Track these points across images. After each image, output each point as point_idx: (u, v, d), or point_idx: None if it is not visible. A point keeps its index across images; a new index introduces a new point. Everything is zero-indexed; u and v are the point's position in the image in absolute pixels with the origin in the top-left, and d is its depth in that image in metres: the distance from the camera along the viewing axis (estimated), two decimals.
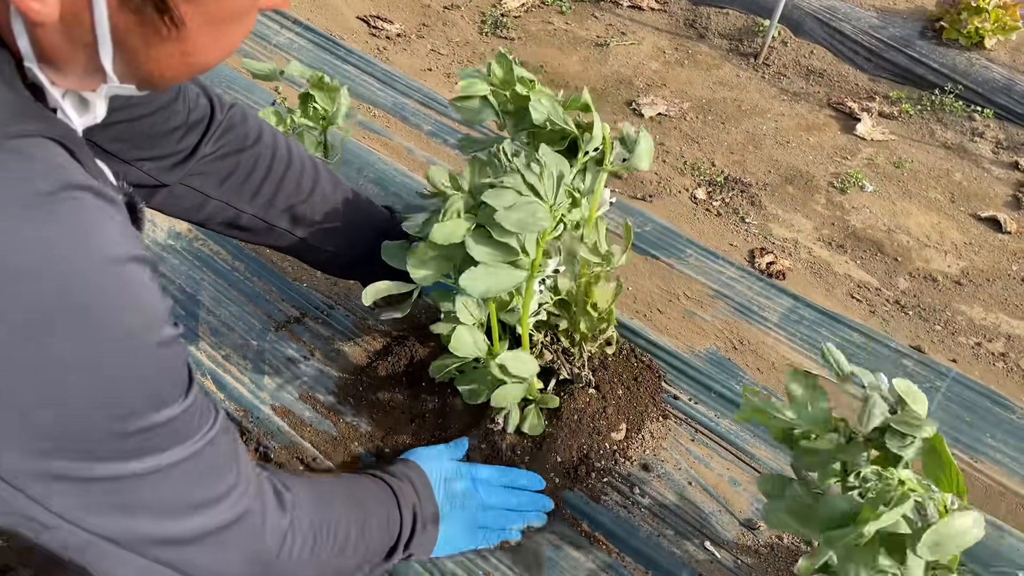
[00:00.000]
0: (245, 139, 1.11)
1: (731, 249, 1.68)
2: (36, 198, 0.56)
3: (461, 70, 1.13)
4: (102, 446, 0.60)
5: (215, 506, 0.72)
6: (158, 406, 0.63)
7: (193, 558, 0.71)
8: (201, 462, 0.69)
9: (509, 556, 1.11)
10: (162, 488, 0.66)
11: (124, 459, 0.62)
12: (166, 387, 0.65)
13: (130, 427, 0.61)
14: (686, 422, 1.30)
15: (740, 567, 1.12)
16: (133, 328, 0.60)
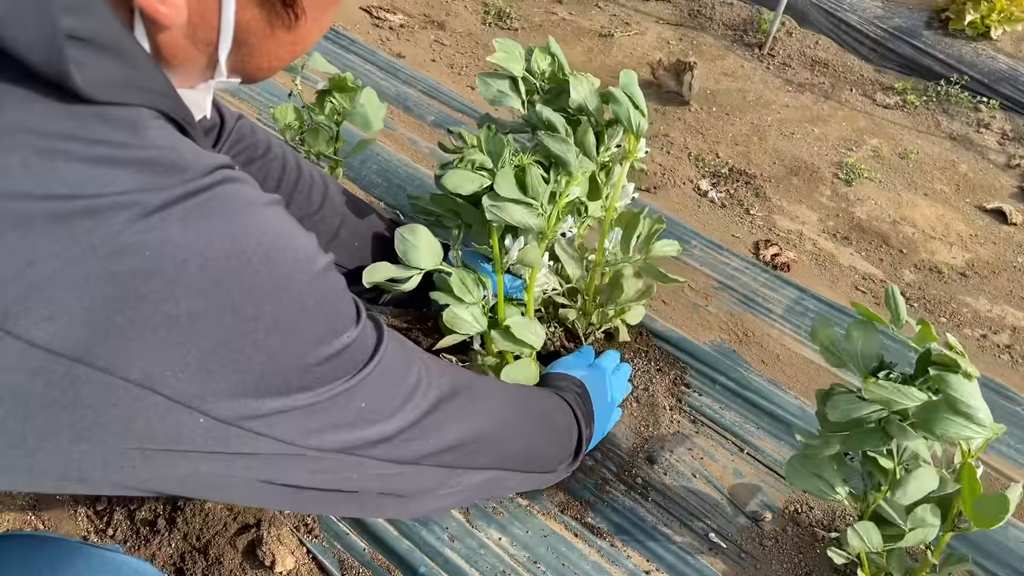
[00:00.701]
0: (255, 150, 1.11)
1: (735, 241, 1.68)
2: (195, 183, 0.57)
3: (498, 40, 1.12)
4: (304, 377, 0.62)
5: (412, 395, 0.75)
6: (342, 329, 0.65)
7: (408, 448, 0.75)
8: (387, 366, 0.71)
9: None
10: (368, 397, 0.68)
11: (326, 383, 0.64)
12: (342, 309, 0.67)
13: (324, 353, 0.63)
14: (691, 414, 1.29)
15: (744, 559, 1.12)
16: (299, 263, 0.62)
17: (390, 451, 0.73)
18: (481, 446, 0.86)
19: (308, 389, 0.62)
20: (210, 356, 0.56)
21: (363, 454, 0.70)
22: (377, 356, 0.70)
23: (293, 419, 0.63)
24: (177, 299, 0.54)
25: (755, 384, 1.33)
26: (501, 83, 1.12)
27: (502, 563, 1.09)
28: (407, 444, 0.74)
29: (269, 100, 1.86)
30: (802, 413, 1.29)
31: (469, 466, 0.85)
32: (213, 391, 0.57)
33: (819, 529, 1.15)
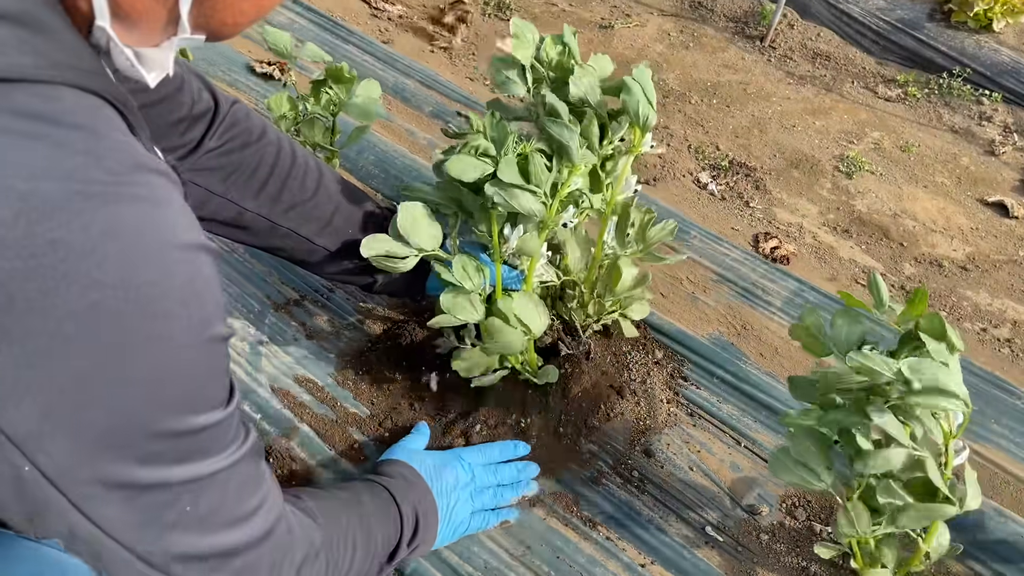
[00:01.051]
0: (249, 135, 1.09)
1: (735, 233, 1.67)
2: (109, 177, 0.53)
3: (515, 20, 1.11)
4: (149, 446, 0.57)
5: (248, 521, 0.69)
6: (204, 408, 0.61)
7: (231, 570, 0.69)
8: (237, 474, 0.66)
9: (506, 538, 1.10)
10: (201, 499, 0.63)
11: (168, 463, 0.59)
12: (214, 388, 0.63)
13: (177, 427, 0.59)
14: (688, 407, 1.28)
15: (741, 552, 1.11)
16: (192, 321, 0.57)
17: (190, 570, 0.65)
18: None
19: (149, 463, 0.58)
20: (58, 385, 0.52)
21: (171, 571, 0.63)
22: (229, 451, 0.65)
23: (118, 500, 0.57)
24: (47, 315, 0.50)
25: (753, 377, 1.32)
26: (510, 69, 1.11)
27: (496, 558, 1.08)
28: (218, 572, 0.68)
29: (266, 90, 1.85)
30: (800, 406, 1.28)
31: None
32: (48, 432, 0.52)
33: (816, 523, 1.14)
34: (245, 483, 0.68)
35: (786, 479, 0.92)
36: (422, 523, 0.99)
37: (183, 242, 0.57)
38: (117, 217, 0.53)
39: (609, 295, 1.26)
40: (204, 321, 0.59)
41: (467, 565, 1.07)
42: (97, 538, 0.59)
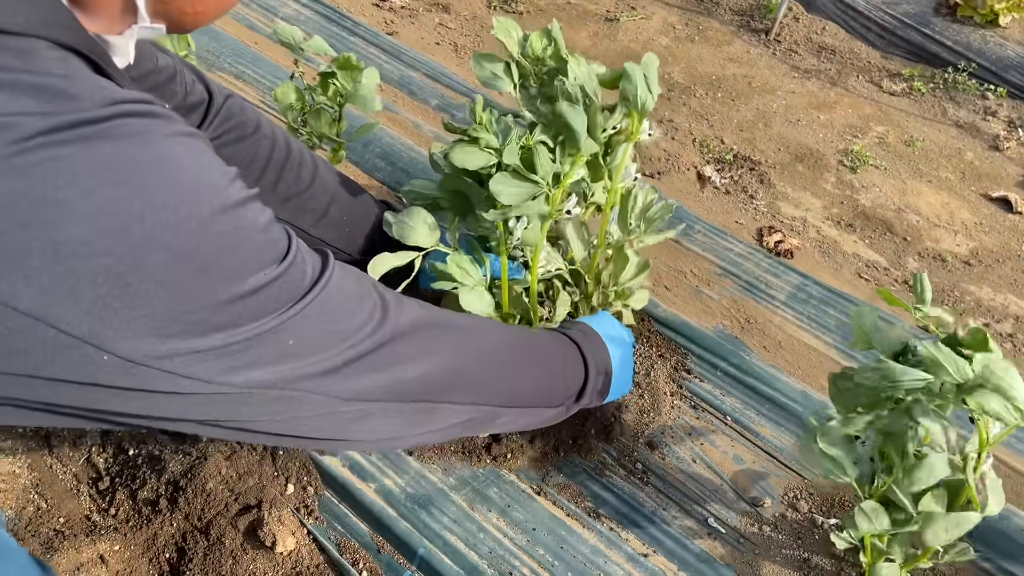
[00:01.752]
0: (244, 128, 1.10)
1: (738, 227, 1.67)
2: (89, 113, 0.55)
3: (497, 19, 1.12)
4: (214, 317, 0.60)
5: (357, 332, 0.72)
6: (254, 268, 0.63)
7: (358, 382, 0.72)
8: (324, 306, 0.68)
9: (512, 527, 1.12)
10: (298, 334, 0.66)
11: (243, 322, 0.62)
12: (255, 250, 0.64)
13: (235, 293, 0.61)
14: (691, 399, 1.29)
15: (743, 544, 1.12)
16: (199, 195, 0.60)
17: (325, 385, 0.70)
18: (454, 382, 0.83)
19: (223, 329, 0.60)
20: (104, 289, 0.54)
21: (294, 388, 0.68)
22: (311, 295, 0.67)
23: (210, 359, 0.61)
24: (59, 225, 0.52)
25: (756, 370, 1.33)
26: (495, 66, 1.11)
27: (501, 547, 1.10)
28: (349, 379, 0.71)
29: (273, 83, 1.86)
30: (804, 399, 1.29)
31: (440, 400, 0.83)
32: (112, 327, 0.55)
33: (818, 515, 1.15)
34: (341, 305, 0.71)
35: (813, 466, 0.93)
36: (598, 376, 1.05)
37: (167, 132, 0.60)
38: (103, 131, 0.55)
39: (614, 283, 1.27)
40: (214, 190, 0.61)
41: (473, 553, 1.09)
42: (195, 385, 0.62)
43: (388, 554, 1.09)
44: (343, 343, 0.71)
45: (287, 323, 0.65)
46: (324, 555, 1.10)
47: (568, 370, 1.02)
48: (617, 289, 1.27)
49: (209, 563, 1.09)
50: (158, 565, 1.11)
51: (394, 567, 1.08)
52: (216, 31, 2.01)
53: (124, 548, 1.12)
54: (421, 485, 1.15)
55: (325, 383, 0.69)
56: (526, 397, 0.96)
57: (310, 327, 0.67)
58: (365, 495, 1.13)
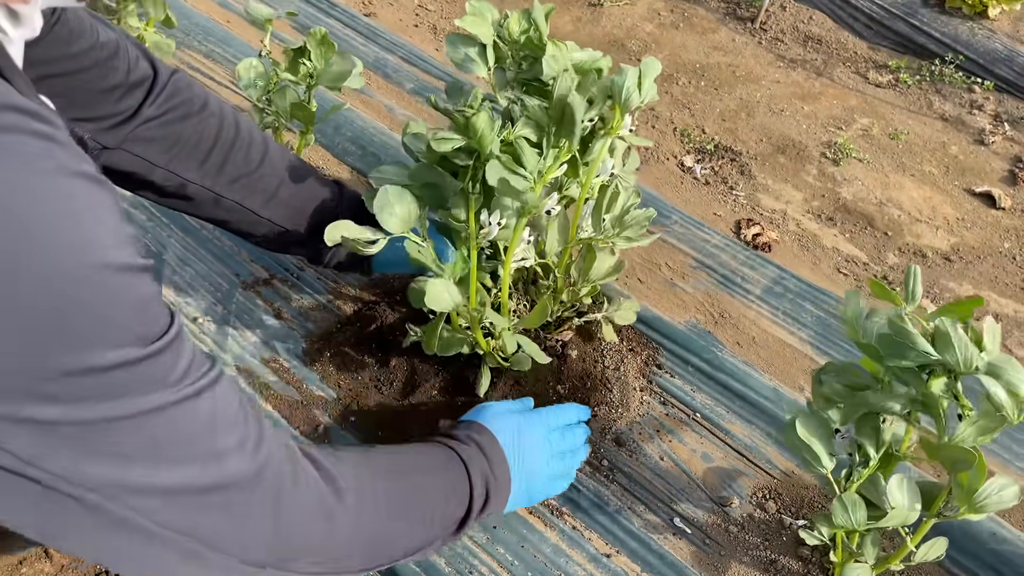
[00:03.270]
0: (191, 105, 1.06)
1: (717, 219, 1.64)
2: None
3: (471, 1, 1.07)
4: (48, 385, 0.53)
5: (222, 458, 0.64)
6: (119, 343, 0.56)
7: (197, 517, 0.64)
8: (196, 412, 0.62)
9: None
10: (150, 434, 0.59)
11: (92, 400, 0.55)
12: (130, 321, 0.57)
13: (80, 365, 0.54)
14: (661, 395, 1.26)
15: (709, 544, 1.09)
16: (73, 249, 0.53)
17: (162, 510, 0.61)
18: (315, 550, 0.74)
19: (61, 401, 0.54)
20: None
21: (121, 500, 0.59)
22: (179, 392, 0.60)
23: (34, 432, 0.54)
24: None
25: (728, 366, 1.30)
26: (469, 48, 1.07)
27: (460, 544, 1.07)
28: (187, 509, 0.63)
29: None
30: (776, 396, 1.26)
31: (287, 569, 0.73)
32: None
33: (787, 516, 1.13)
34: (212, 420, 0.64)
35: (793, 449, 0.91)
36: (493, 492, 0.95)
37: (61, 168, 0.54)
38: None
39: (583, 281, 1.23)
40: (89, 248, 0.54)
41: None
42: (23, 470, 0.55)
43: None
44: (198, 465, 0.63)
45: (140, 418, 0.58)
46: None
47: (449, 508, 0.92)
48: (586, 285, 1.23)
49: None
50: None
51: None
52: (186, 8, 1.96)
53: None
54: None
55: (162, 505, 0.61)
56: (390, 557, 0.86)
57: (165, 430, 0.60)
58: None
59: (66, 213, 0.53)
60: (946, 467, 0.87)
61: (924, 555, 0.97)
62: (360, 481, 0.81)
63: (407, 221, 1.02)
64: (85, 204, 0.55)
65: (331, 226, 1.00)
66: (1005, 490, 0.87)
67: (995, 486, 0.87)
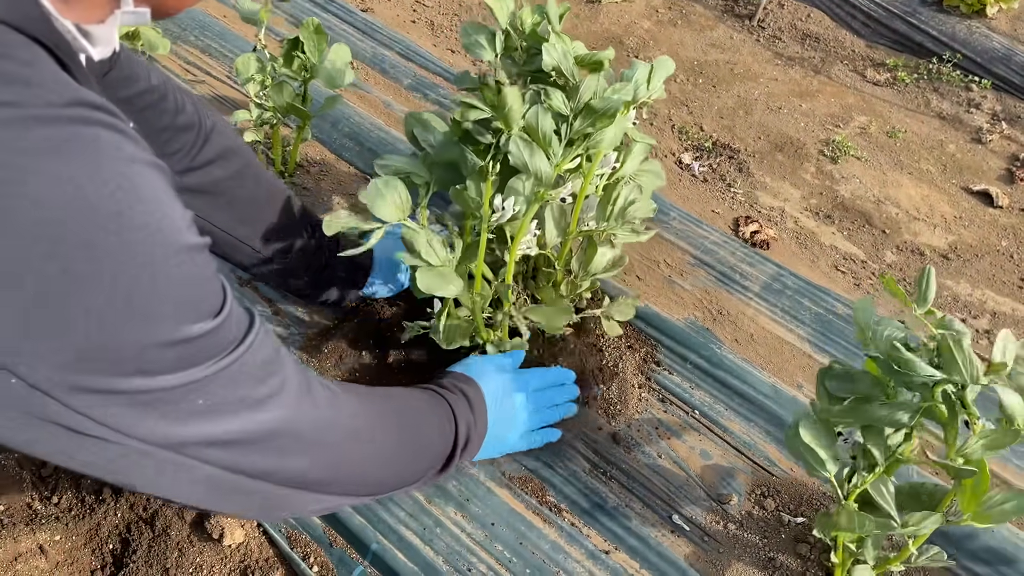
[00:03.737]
0: (228, 156, 1.11)
1: (715, 216, 1.64)
2: (47, 109, 0.52)
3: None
4: (141, 359, 0.58)
5: (263, 405, 0.70)
6: (192, 319, 0.61)
7: (245, 458, 0.71)
8: (241, 369, 0.67)
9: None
10: (209, 393, 0.64)
11: (166, 371, 0.60)
12: (200, 298, 0.62)
13: (168, 338, 0.59)
14: (660, 392, 1.26)
15: (707, 542, 1.09)
16: (159, 233, 0.57)
17: (224, 457, 0.69)
18: (326, 479, 0.82)
19: (143, 374, 0.58)
20: (28, 309, 0.51)
21: (193, 455, 0.66)
22: (236, 352, 0.65)
23: (120, 403, 0.58)
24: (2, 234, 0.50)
25: (727, 363, 1.30)
26: (480, 35, 1.08)
27: (458, 542, 1.06)
28: (246, 455, 0.71)
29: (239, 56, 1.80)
30: (775, 394, 1.26)
31: (308, 490, 0.81)
32: (28, 350, 0.52)
33: (785, 514, 1.12)
34: (253, 372, 0.69)
35: (795, 455, 0.90)
36: (472, 442, 1.03)
37: (132, 156, 0.57)
38: (61, 137, 0.52)
39: (583, 274, 1.23)
40: (173, 230, 0.59)
41: (429, 549, 1.05)
42: (103, 434, 0.60)
43: (340, 548, 1.05)
44: (250, 411, 0.69)
45: (211, 378, 0.63)
46: (274, 548, 1.06)
47: (436, 448, 1.00)
48: (587, 279, 1.23)
49: (154, 555, 1.05)
50: (101, 556, 1.07)
51: (346, 562, 1.04)
52: None
53: (65, 538, 1.08)
54: None
55: (211, 451, 0.68)
56: (390, 486, 0.96)
57: (226, 386, 0.65)
58: None
59: (147, 199, 0.57)
60: (950, 473, 0.86)
61: (926, 558, 0.97)
62: (370, 412, 0.90)
63: (400, 208, 1.01)
64: (159, 190, 0.59)
65: (327, 219, 1.00)
66: (1010, 502, 0.86)
67: (1000, 496, 0.86)
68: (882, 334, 0.86)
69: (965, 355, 0.79)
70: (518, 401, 1.10)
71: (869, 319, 0.88)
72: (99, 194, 0.53)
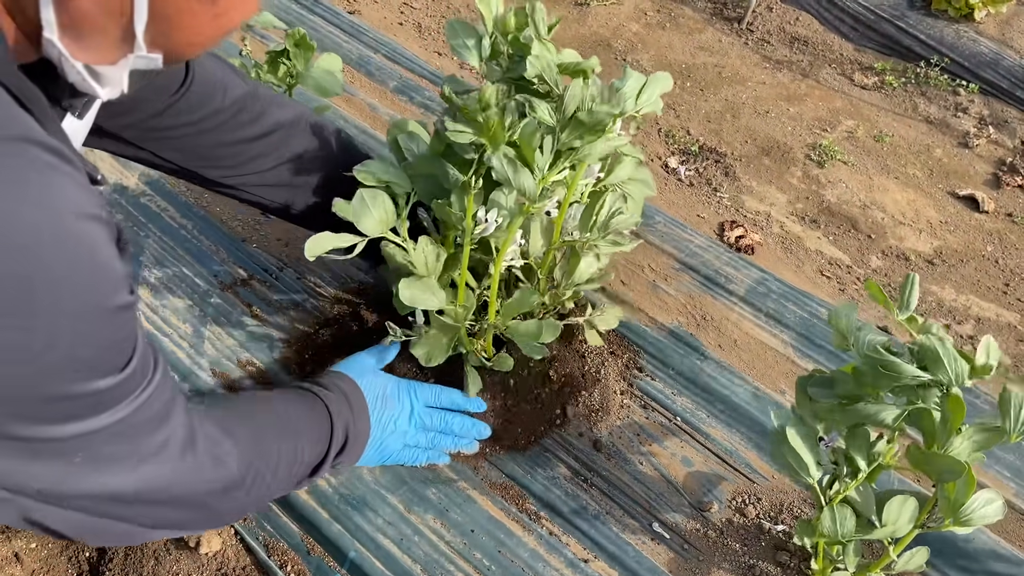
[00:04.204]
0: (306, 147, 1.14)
1: (700, 221, 1.63)
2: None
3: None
4: (41, 409, 0.59)
5: (154, 458, 0.72)
6: (101, 374, 0.62)
7: (135, 510, 0.74)
8: (140, 415, 0.68)
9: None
10: (100, 446, 0.66)
11: (62, 422, 0.61)
12: (114, 354, 0.64)
13: (71, 392, 0.60)
14: (642, 399, 1.26)
15: (687, 550, 1.09)
16: (84, 289, 0.58)
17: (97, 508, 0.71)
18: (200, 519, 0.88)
19: (42, 422, 0.60)
20: None
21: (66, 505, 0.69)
22: (129, 399, 0.67)
23: (8, 449, 0.60)
24: None
25: (710, 369, 1.30)
26: (467, 36, 1.06)
27: (437, 550, 1.06)
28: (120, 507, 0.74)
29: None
30: (757, 400, 1.26)
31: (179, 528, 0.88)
32: None
33: (766, 521, 1.12)
34: (149, 421, 0.71)
35: (779, 461, 0.90)
36: (351, 442, 1.02)
37: (72, 210, 0.57)
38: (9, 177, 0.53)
39: (566, 283, 1.22)
40: (105, 291, 0.60)
41: (407, 557, 1.04)
42: None
43: (318, 556, 1.05)
44: (131, 464, 0.71)
45: (106, 429, 0.65)
46: (251, 556, 1.05)
47: (314, 454, 0.99)
48: (569, 288, 1.22)
49: (130, 564, 1.04)
50: (77, 564, 1.06)
51: (323, 570, 1.03)
52: None
53: (41, 546, 1.07)
54: (356, 485, 1.11)
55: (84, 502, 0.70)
56: (257, 508, 1.01)
57: (115, 441, 0.67)
58: (296, 496, 1.09)
59: (84, 256, 0.58)
60: (932, 477, 0.86)
61: (905, 564, 0.97)
62: (254, 447, 0.90)
63: (384, 222, 1.01)
64: (98, 247, 0.60)
65: (311, 240, 1.00)
66: (990, 505, 0.86)
67: (980, 500, 0.86)
68: (864, 339, 0.86)
69: (950, 355, 0.79)
70: (400, 407, 1.09)
71: (851, 324, 0.88)
72: (43, 245, 0.54)
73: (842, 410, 0.88)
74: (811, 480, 0.89)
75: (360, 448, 1.04)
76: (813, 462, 0.89)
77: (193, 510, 0.83)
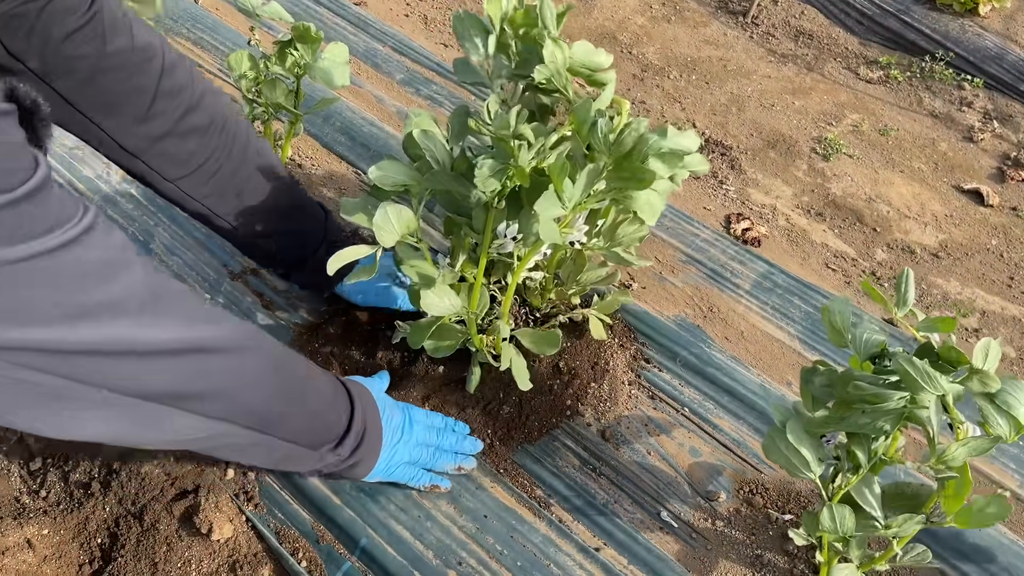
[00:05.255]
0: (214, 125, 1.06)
1: (706, 213, 1.64)
2: None
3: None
4: None
5: (93, 315, 0.62)
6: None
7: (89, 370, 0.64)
8: (63, 264, 0.60)
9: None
10: (16, 286, 0.57)
11: None
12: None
13: None
14: (649, 389, 1.26)
15: (695, 539, 1.09)
16: None
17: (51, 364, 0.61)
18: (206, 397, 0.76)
19: None
20: None
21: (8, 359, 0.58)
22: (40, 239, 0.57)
23: None
24: None
25: (716, 361, 1.30)
26: (474, 28, 1.05)
27: (449, 536, 1.06)
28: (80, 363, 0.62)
29: (231, 50, 1.79)
30: (764, 392, 1.26)
31: (183, 409, 0.74)
32: None
33: (773, 511, 1.13)
34: (85, 274, 0.62)
35: (776, 461, 0.90)
36: (367, 438, 1.00)
37: None
38: None
39: (573, 284, 1.23)
40: None
41: (418, 542, 1.05)
42: None
43: (329, 543, 1.05)
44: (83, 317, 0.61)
45: (13, 268, 0.56)
46: (262, 543, 1.06)
47: (329, 414, 0.96)
48: (575, 290, 1.23)
49: (142, 549, 1.04)
50: (88, 551, 1.07)
51: (334, 557, 1.04)
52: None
53: (53, 532, 1.07)
54: None
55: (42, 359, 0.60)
56: (278, 428, 0.89)
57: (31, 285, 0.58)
58: (308, 482, 1.09)
59: None
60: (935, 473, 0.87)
61: (910, 557, 0.98)
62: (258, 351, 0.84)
63: (404, 235, 1.00)
64: None
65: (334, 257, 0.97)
66: (992, 506, 0.86)
67: (982, 501, 0.87)
68: (860, 337, 0.87)
69: (923, 374, 0.80)
70: (403, 417, 1.08)
71: (845, 321, 0.89)
72: None
73: (841, 416, 0.88)
74: (812, 476, 0.89)
75: (376, 449, 1.02)
76: (814, 458, 0.89)
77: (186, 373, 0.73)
